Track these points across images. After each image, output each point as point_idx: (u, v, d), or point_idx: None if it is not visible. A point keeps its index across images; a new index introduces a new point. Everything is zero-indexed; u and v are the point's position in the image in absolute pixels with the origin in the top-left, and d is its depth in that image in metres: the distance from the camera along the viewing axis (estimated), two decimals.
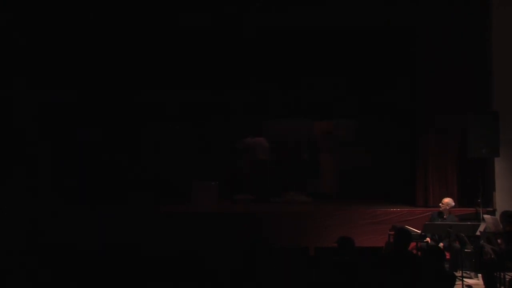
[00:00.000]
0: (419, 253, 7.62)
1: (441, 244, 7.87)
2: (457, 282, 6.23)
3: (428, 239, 8.01)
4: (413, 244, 7.72)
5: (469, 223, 7.96)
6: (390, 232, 8.41)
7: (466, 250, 7.62)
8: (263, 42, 10.75)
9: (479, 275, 7.48)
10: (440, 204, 8.44)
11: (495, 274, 6.88)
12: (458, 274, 7.33)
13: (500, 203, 9.02)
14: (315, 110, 11.41)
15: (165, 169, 10.88)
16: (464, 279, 7.18)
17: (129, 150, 10.83)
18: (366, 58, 10.81)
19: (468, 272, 7.82)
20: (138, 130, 11.05)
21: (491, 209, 9.06)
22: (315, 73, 10.98)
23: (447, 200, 8.40)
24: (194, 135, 11.27)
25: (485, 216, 8.36)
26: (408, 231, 6.75)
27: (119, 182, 10.34)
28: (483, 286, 6.95)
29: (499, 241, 7.17)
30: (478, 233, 7.55)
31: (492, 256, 6.96)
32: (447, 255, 7.38)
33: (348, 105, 11.27)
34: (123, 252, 6.82)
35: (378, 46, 10.71)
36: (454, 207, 9.18)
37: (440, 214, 8.32)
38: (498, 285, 6.85)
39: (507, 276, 6.87)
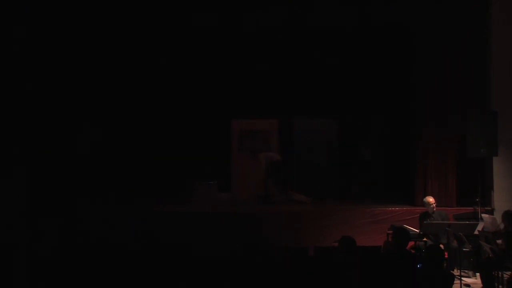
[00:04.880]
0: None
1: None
2: (455, 281, 6.26)
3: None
4: (411, 243, 7.75)
5: (467, 222, 8.00)
6: (389, 232, 8.45)
7: (464, 249, 7.66)
8: (263, 42, 10.83)
9: (477, 274, 7.52)
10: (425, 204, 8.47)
11: (493, 273, 6.91)
12: (457, 273, 7.38)
13: (498, 202, 9.05)
14: (316, 110, 11.45)
15: (165, 169, 10.92)
16: (463, 278, 7.21)
17: (129, 150, 10.87)
18: (366, 57, 10.86)
19: (466, 271, 7.86)
20: (138, 130, 11.08)
21: (490, 208, 9.08)
22: (315, 73, 11.04)
23: (430, 199, 8.40)
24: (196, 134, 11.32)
25: (484, 215, 8.41)
26: (407, 230, 6.80)
27: (118, 182, 10.37)
28: (481, 285, 6.99)
29: (499, 242, 7.20)
30: (476, 232, 7.58)
31: (491, 256, 6.99)
32: (445, 254, 7.41)
33: (348, 104, 11.33)
34: (123, 252, 6.87)
35: (378, 45, 10.76)
36: (452, 206, 9.26)
37: (426, 214, 8.38)
38: (496, 284, 6.88)
39: (505, 275, 6.89)
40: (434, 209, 8.34)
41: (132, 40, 10.47)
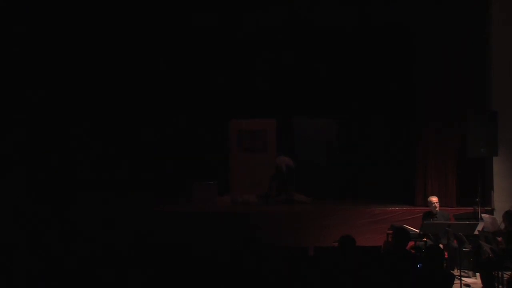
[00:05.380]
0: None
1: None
2: (455, 281, 6.26)
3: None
4: (411, 243, 7.74)
5: (467, 222, 8.00)
6: (389, 232, 8.45)
7: (464, 249, 7.66)
8: (263, 42, 10.85)
9: (477, 274, 7.51)
10: (428, 203, 8.47)
11: (493, 273, 6.91)
12: (457, 273, 7.38)
13: (498, 202, 9.05)
14: (316, 110, 11.46)
15: (165, 169, 10.92)
16: (463, 278, 7.21)
17: (130, 149, 10.87)
18: (366, 57, 10.87)
19: (466, 271, 7.86)
20: (138, 130, 11.09)
21: (490, 208, 9.08)
22: (315, 73, 11.05)
23: (433, 199, 8.40)
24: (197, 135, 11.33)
25: (483, 215, 8.41)
26: (407, 230, 6.79)
27: (118, 182, 10.37)
28: (481, 285, 6.99)
29: (499, 239, 7.20)
30: (476, 232, 7.58)
31: (491, 256, 6.99)
32: (445, 254, 7.40)
33: (348, 104, 11.34)
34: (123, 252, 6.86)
35: (378, 45, 10.77)
36: (452, 206, 9.25)
37: (430, 213, 8.38)
38: (496, 284, 6.88)
39: (505, 275, 6.89)
40: (437, 209, 8.34)
41: (132, 40, 10.49)
